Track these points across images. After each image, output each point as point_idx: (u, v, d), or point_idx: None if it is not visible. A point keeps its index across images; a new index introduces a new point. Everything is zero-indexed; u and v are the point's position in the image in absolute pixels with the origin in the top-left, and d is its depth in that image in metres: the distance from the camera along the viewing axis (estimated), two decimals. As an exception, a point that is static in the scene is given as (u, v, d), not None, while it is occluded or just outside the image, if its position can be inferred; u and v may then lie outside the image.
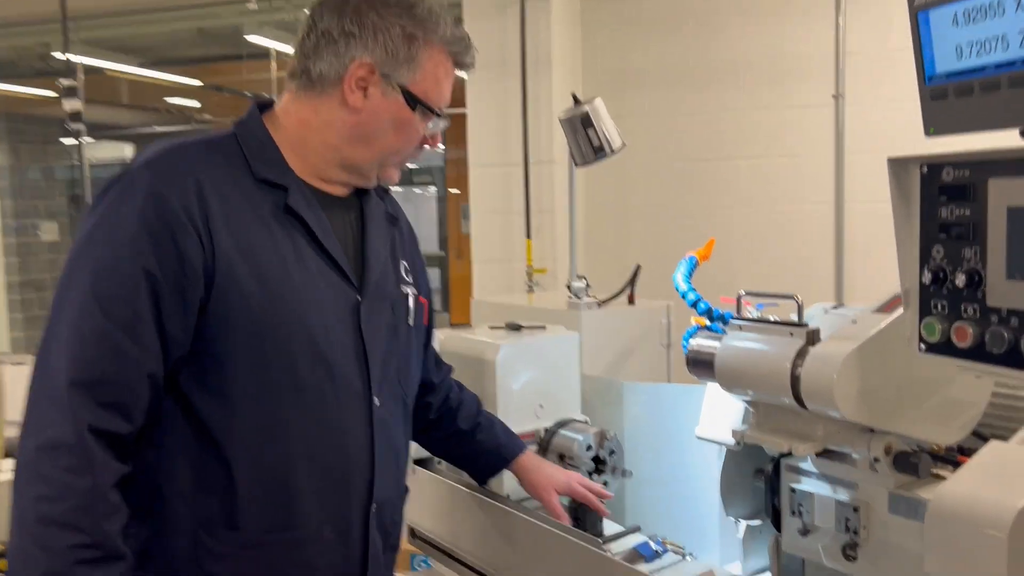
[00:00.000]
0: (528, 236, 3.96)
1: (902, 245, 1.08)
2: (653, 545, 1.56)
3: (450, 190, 7.85)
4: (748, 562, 1.66)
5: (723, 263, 3.53)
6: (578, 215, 2.54)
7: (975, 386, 1.42)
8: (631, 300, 2.27)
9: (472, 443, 1.56)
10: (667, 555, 1.55)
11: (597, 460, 1.78)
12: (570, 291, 2.18)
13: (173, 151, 1.18)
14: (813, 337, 1.29)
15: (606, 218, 3.96)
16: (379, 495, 1.28)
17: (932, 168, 1.04)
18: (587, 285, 2.19)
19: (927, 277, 1.03)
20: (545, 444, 1.81)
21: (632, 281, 2.26)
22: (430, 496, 1.69)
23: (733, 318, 1.39)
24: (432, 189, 7.63)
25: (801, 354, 1.28)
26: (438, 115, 1.30)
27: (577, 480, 1.57)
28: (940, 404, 1.37)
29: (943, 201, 1.03)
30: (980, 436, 1.46)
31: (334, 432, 1.22)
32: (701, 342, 1.46)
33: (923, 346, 1.05)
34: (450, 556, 1.80)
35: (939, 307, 1.03)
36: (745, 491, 1.69)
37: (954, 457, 1.43)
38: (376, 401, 1.28)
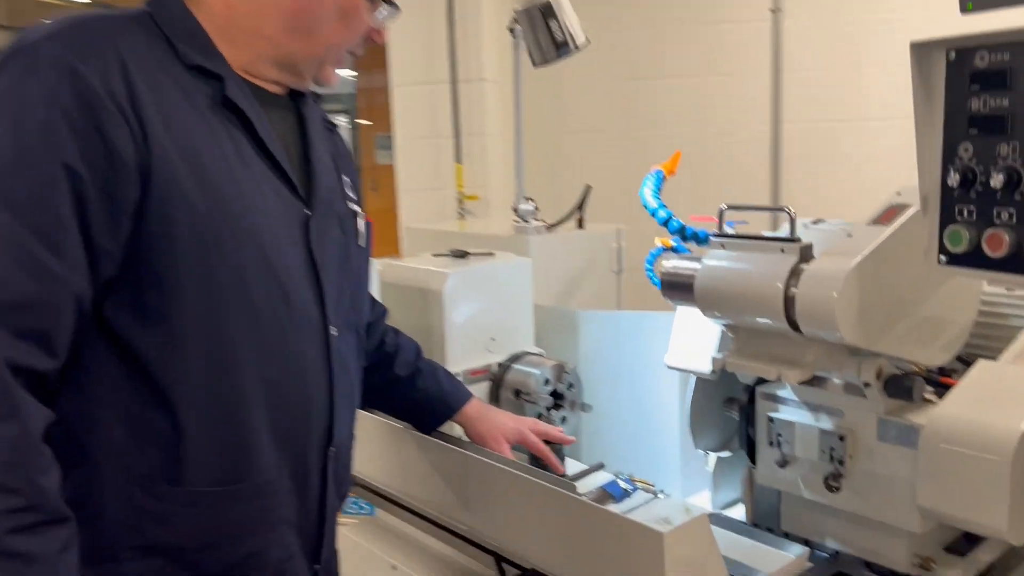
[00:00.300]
0: (458, 161, 3.74)
1: (922, 145, 0.95)
2: (622, 483, 1.45)
3: (361, 122, 7.45)
4: (718, 495, 1.58)
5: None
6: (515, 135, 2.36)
7: (962, 305, 1.34)
8: (580, 224, 2.13)
9: (412, 392, 1.40)
10: (637, 493, 1.44)
11: (555, 395, 1.65)
12: (516, 215, 2.02)
13: (84, 22, 0.95)
14: (807, 254, 1.17)
15: (541, 140, 3.78)
16: (338, 436, 1.12)
17: (961, 53, 0.91)
18: (535, 208, 2.03)
19: (953, 179, 0.91)
20: (499, 380, 1.67)
21: (582, 203, 2.11)
22: (374, 439, 1.53)
23: (714, 235, 1.25)
24: (344, 119, 7.23)
25: (795, 273, 1.16)
26: (387, 1, 1.10)
27: (531, 427, 1.43)
28: (929, 324, 1.28)
29: (974, 91, 0.90)
30: (960, 359, 1.39)
31: (293, 365, 1.05)
32: (678, 263, 1.33)
33: (944, 258, 0.94)
34: (397, 504, 1.66)
35: (966, 213, 0.91)
36: (715, 422, 1.59)
37: (936, 379, 1.35)
38: (333, 331, 1.10)
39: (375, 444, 1.51)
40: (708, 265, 1.26)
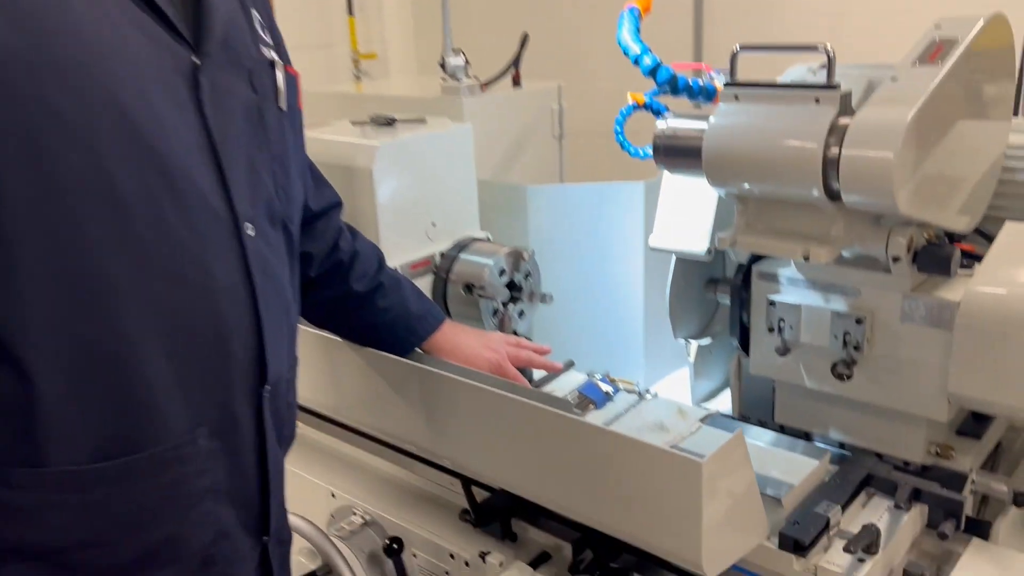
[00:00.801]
0: (350, 13, 3.28)
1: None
2: (601, 385, 1.25)
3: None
4: (699, 385, 1.41)
5: (568, 36, 3.11)
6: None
7: (992, 163, 1.17)
8: (516, 81, 1.84)
9: (370, 313, 1.13)
10: (620, 396, 1.25)
11: (511, 286, 1.42)
12: (444, 71, 1.70)
13: None
14: (847, 104, 0.96)
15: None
16: (273, 369, 0.85)
17: None
18: (467, 62, 1.71)
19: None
20: (445, 273, 1.41)
21: (519, 56, 1.81)
22: (313, 356, 1.27)
23: (728, 84, 1.01)
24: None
25: (836, 128, 0.94)
26: None
27: (511, 354, 1.20)
28: (964, 185, 1.11)
29: None
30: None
31: (194, 282, 0.77)
32: (678, 124, 1.09)
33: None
34: (333, 421, 1.42)
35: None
36: (695, 307, 1.41)
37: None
38: (248, 228, 0.81)
39: (313, 360, 1.24)
40: (720, 124, 1.03)
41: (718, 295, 1.36)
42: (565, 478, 0.98)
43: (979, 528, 1.08)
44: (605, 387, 1.25)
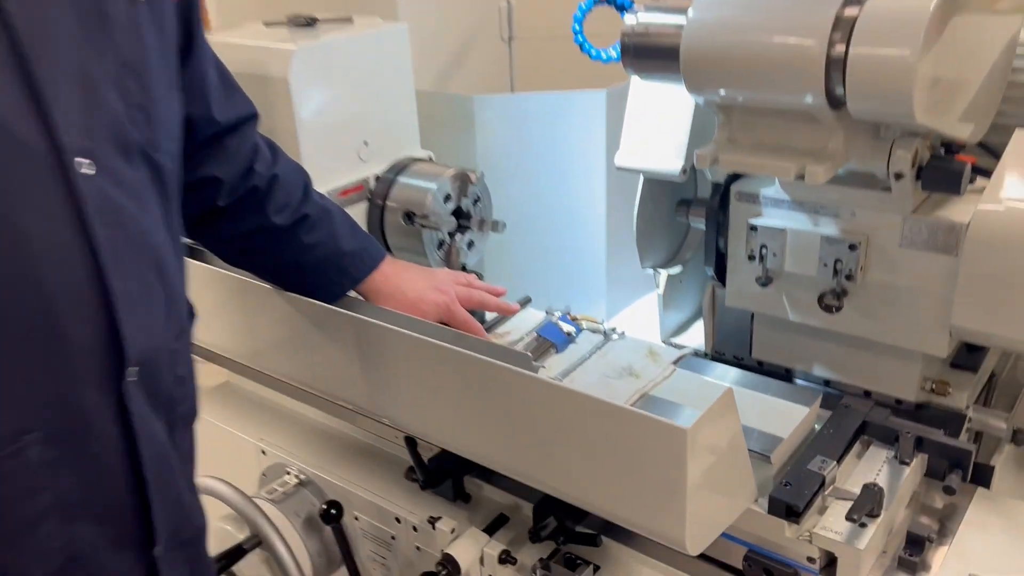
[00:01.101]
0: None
1: None
2: (562, 325, 1.11)
3: None
4: (668, 317, 1.28)
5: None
6: None
7: (1001, 65, 1.03)
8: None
9: (294, 250, 0.96)
10: (583, 336, 1.12)
11: (459, 214, 1.26)
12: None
13: None
14: (854, -9, 0.79)
15: None
16: (138, 346, 0.67)
17: None
18: (400, -49, 1.49)
19: None
20: (381, 199, 1.24)
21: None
22: (225, 299, 1.10)
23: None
24: None
25: (842, 22, 0.79)
26: None
27: (461, 295, 1.04)
28: (971, 91, 0.96)
29: None
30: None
31: (3, 246, 0.59)
32: (650, 19, 0.92)
33: None
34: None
35: None
36: (664, 232, 1.27)
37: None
38: (82, 164, 0.63)
39: (207, 296, 1.07)
40: (701, 18, 0.86)
41: (690, 218, 1.22)
42: (525, 443, 0.84)
43: (979, 474, 0.98)
44: (566, 327, 1.11)
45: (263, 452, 1.27)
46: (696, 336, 1.29)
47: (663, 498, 0.74)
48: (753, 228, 1.08)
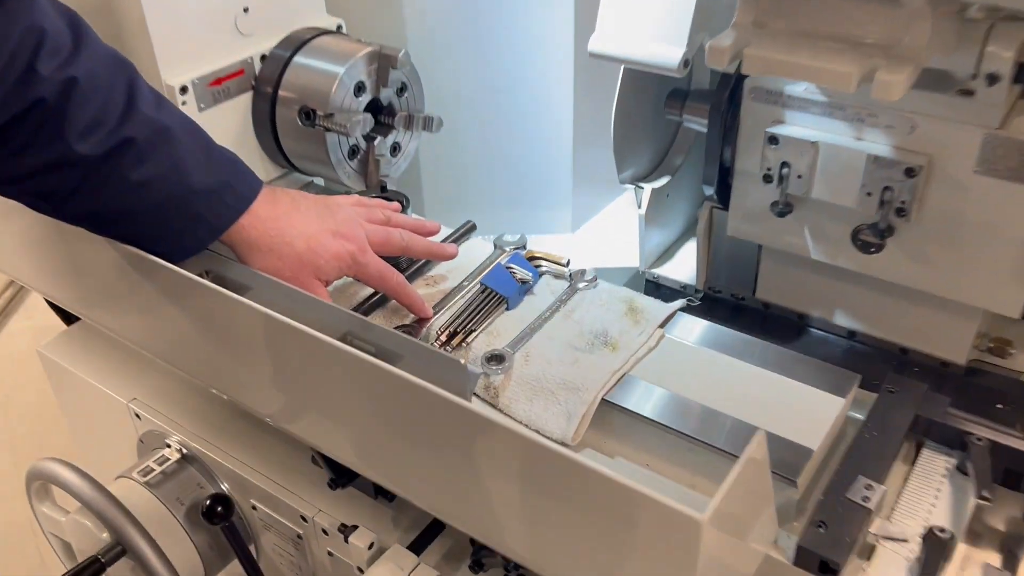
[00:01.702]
0: None
1: None
2: (515, 270, 0.85)
3: None
4: (649, 240, 1.02)
5: None
6: None
7: None
8: None
9: (119, 190, 0.66)
10: (542, 283, 0.86)
11: (378, 108, 0.95)
12: None
13: None
14: None
15: None
16: None
17: None
18: None
19: None
20: (270, 88, 0.93)
21: None
22: (42, 236, 0.81)
23: None
24: None
25: None
26: None
27: (374, 239, 0.76)
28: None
29: None
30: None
31: None
32: None
33: None
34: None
35: None
36: (648, 134, 0.98)
37: None
38: None
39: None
40: None
41: (685, 116, 0.93)
42: (466, 492, 0.59)
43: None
44: (520, 272, 0.84)
45: (136, 415, 1.01)
46: (684, 266, 1.04)
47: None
48: (773, 139, 0.80)
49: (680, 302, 0.82)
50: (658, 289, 1.04)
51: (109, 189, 0.65)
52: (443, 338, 0.77)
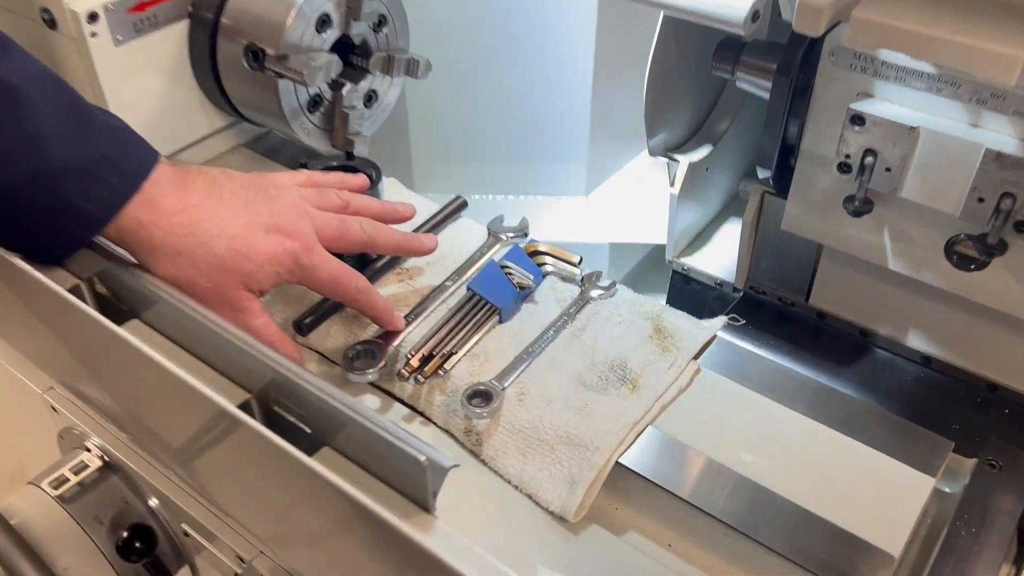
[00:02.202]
0: None
1: None
2: (512, 271, 0.67)
3: None
4: (681, 221, 0.84)
5: None
6: None
7: None
8: None
9: None
10: (546, 286, 0.68)
11: (347, 48, 0.75)
12: None
13: None
14: None
15: None
16: None
17: None
18: None
19: None
20: (211, 15, 0.73)
21: None
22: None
23: None
24: None
25: None
26: None
27: (323, 229, 0.58)
28: None
29: None
30: None
31: None
32: None
33: None
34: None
35: None
36: (688, 95, 0.79)
37: None
38: None
39: None
40: None
41: (737, 75, 0.74)
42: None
43: None
44: (519, 275, 0.66)
45: (53, 408, 0.85)
46: (721, 257, 0.86)
47: None
48: (857, 119, 0.61)
49: (719, 322, 0.65)
50: (688, 284, 0.86)
51: None
52: (415, 363, 0.60)
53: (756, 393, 0.60)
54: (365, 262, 0.67)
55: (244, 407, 0.48)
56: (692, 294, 0.86)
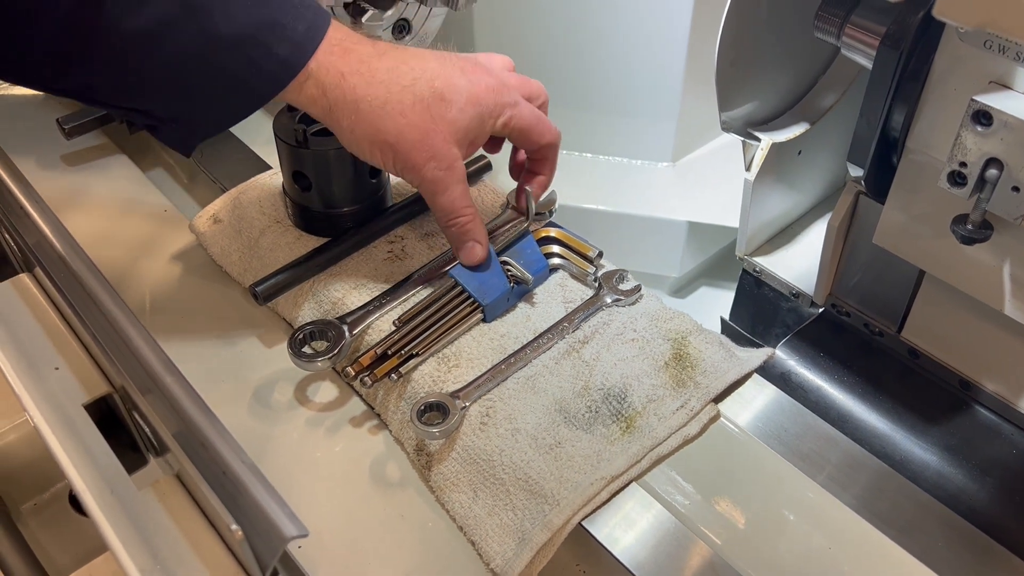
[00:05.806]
0: None
1: None
2: (511, 264, 0.57)
3: None
4: (757, 214, 0.71)
5: None
6: None
7: None
8: None
9: (93, 42, 0.43)
10: (553, 282, 0.58)
11: (371, -35, 0.66)
12: None
13: None
14: None
15: None
16: None
17: None
18: None
19: None
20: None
21: None
22: None
23: None
24: None
25: None
26: None
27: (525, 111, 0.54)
28: None
29: None
30: None
31: None
32: None
33: None
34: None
35: None
36: (775, 59, 0.66)
37: None
38: None
39: None
40: None
41: (843, 40, 0.59)
42: None
43: None
44: (516, 269, 0.56)
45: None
46: (801, 262, 0.73)
47: None
48: (982, 115, 0.47)
49: (759, 357, 0.53)
50: (759, 288, 0.73)
51: (95, 49, 0.43)
52: (364, 361, 0.52)
53: (791, 465, 0.49)
54: (378, 210, 0.60)
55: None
56: (762, 300, 0.73)
